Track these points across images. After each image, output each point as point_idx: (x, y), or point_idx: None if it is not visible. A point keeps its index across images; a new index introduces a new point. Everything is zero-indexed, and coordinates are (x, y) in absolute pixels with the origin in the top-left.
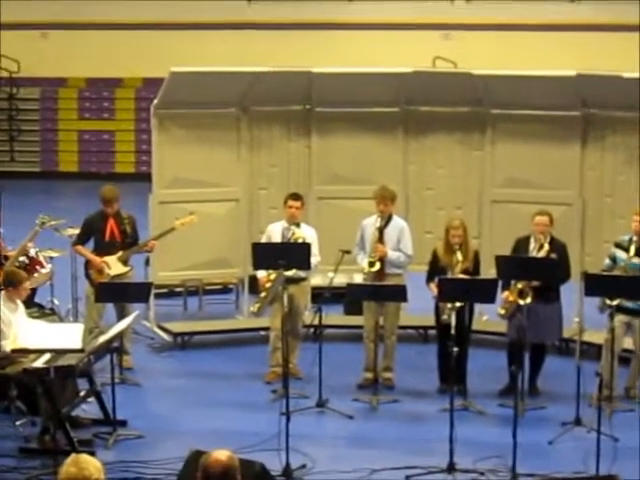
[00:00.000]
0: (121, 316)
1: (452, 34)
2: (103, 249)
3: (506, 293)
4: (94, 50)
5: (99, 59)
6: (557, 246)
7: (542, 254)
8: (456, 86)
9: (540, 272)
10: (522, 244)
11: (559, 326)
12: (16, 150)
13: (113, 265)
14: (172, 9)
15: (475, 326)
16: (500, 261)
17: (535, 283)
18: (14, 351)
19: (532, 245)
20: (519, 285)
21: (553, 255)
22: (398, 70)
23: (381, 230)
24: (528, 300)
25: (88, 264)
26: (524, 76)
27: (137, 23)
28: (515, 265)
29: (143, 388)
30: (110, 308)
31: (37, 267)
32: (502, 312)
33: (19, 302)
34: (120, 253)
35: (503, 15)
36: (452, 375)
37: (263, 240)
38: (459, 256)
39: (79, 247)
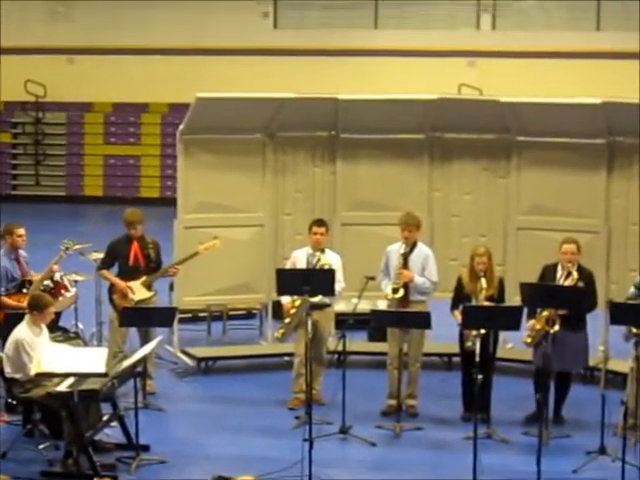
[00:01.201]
0: (145, 341)
1: (478, 61)
2: (127, 274)
3: (532, 321)
4: (120, 75)
5: (125, 84)
6: (584, 274)
7: (570, 282)
8: (482, 113)
9: (567, 300)
10: (549, 272)
11: (585, 355)
12: (42, 174)
13: (137, 290)
14: (198, 34)
15: (499, 354)
16: (526, 289)
17: (562, 311)
18: (38, 375)
19: (559, 273)
20: (545, 313)
21: (580, 283)
22: (424, 97)
23: (406, 257)
24: (555, 328)
25: (112, 288)
26: (550, 103)
27: (163, 48)
28: (542, 293)
29: (166, 413)
30: (133, 332)
31: (62, 291)
32: (528, 340)
33: (43, 326)
34: (144, 278)
35: (528, 42)
36: (476, 403)
37: (288, 266)
38: (484, 283)
39: (104, 271)
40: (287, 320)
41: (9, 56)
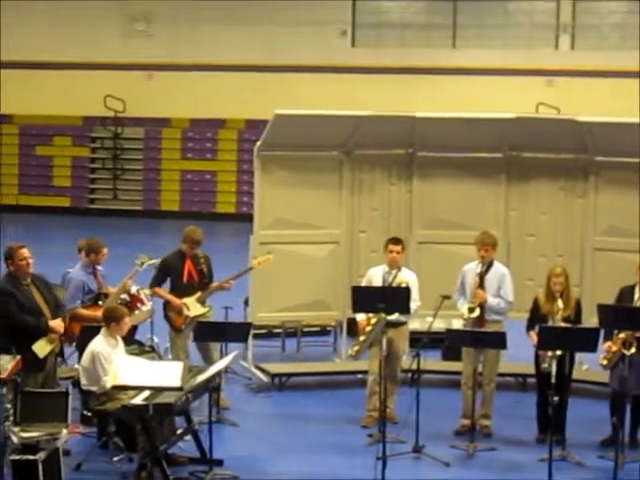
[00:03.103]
0: (205, 358)
1: (556, 80)
2: (181, 290)
3: (609, 343)
4: (198, 91)
5: (203, 100)
6: None
7: None
8: (560, 132)
9: None
10: (627, 293)
11: None
12: (119, 188)
13: (192, 306)
14: (276, 52)
15: (575, 375)
16: (603, 310)
17: (639, 334)
18: (114, 387)
19: (637, 295)
20: (622, 335)
21: None
22: (501, 116)
23: (482, 276)
24: (632, 350)
25: (167, 306)
26: (628, 123)
27: (240, 65)
28: (619, 314)
29: (239, 428)
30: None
31: (138, 304)
32: (604, 362)
33: (119, 339)
34: (198, 294)
35: (606, 62)
36: (551, 424)
37: (363, 283)
38: (560, 304)
39: (157, 289)
40: (362, 337)
41: (89, 71)
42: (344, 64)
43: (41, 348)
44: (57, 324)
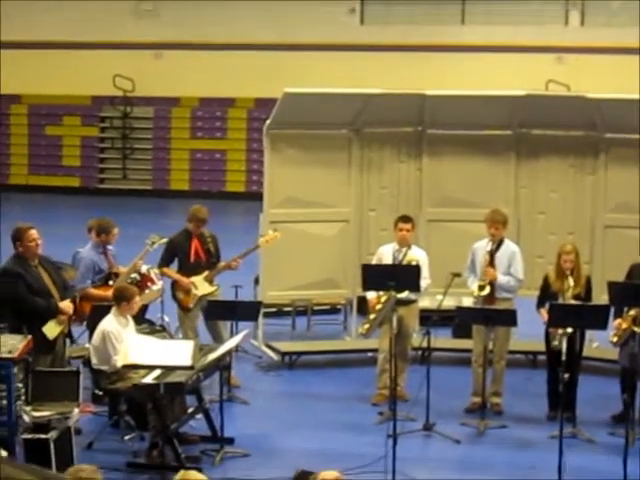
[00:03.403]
0: (215, 337)
1: (565, 57)
2: (189, 270)
3: (619, 320)
4: (207, 70)
5: (212, 79)
6: None
7: None
8: (569, 109)
9: None
10: (637, 270)
11: None
12: (129, 168)
13: (200, 285)
14: (285, 30)
15: (585, 352)
16: (614, 287)
17: None
18: (125, 366)
19: None
20: (632, 312)
21: None
22: (511, 93)
23: (492, 254)
24: None
25: (175, 285)
26: (638, 100)
27: (249, 44)
28: (630, 291)
29: (250, 406)
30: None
31: (148, 284)
32: (614, 339)
33: (130, 318)
34: (206, 273)
35: (617, 39)
36: (562, 402)
37: (373, 262)
38: (571, 282)
39: (165, 269)
40: (372, 316)
41: (98, 51)
42: (353, 42)
43: (51, 329)
44: (66, 305)
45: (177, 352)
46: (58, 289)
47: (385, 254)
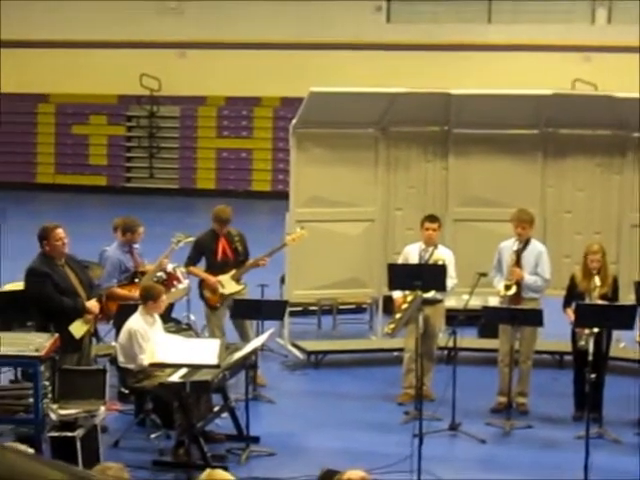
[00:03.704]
0: (243, 334)
1: (592, 56)
2: (216, 269)
3: None
4: (233, 69)
5: (238, 78)
6: None
7: None
8: (597, 109)
9: None
10: None
11: None
12: (155, 167)
13: (227, 284)
14: (311, 29)
15: (612, 353)
16: None
17: None
18: (151, 365)
19: None
20: None
21: None
22: (538, 92)
23: (519, 253)
24: None
25: (202, 284)
26: None
27: (275, 42)
28: None
29: (276, 405)
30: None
31: (174, 282)
32: None
33: (156, 316)
34: (233, 271)
35: None
36: (588, 402)
37: (400, 261)
38: (597, 281)
39: (192, 268)
40: (398, 315)
41: (124, 50)
42: (379, 41)
43: (77, 329)
44: (93, 305)
45: (203, 351)
46: (84, 288)
47: (411, 253)
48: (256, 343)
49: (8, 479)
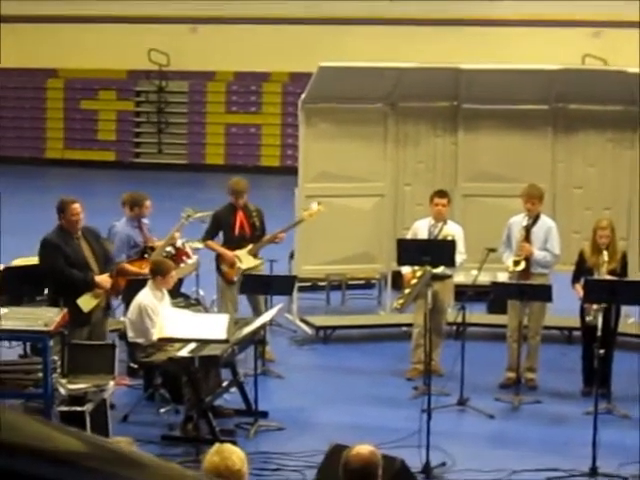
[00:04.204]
0: (257, 309)
1: (603, 31)
2: (233, 243)
3: None
4: (242, 44)
5: (247, 53)
6: None
7: None
8: (608, 84)
9: None
10: None
11: None
12: (164, 142)
13: (244, 259)
14: (319, 4)
15: (621, 328)
16: None
17: None
18: (160, 340)
19: None
20: None
21: None
22: (548, 67)
23: (528, 229)
24: None
25: (219, 258)
26: None
27: (284, 18)
28: None
29: (285, 380)
30: (242, 299)
31: (183, 257)
32: None
33: (165, 292)
34: (250, 246)
35: None
36: (597, 377)
37: (409, 236)
38: (606, 257)
39: (210, 242)
40: (407, 290)
41: (133, 25)
42: (387, 15)
43: (86, 302)
44: (103, 279)
45: (212, 325)
46: (98, 262)
47: (420, 229)
48: (265, 318)
49: (12, 442)
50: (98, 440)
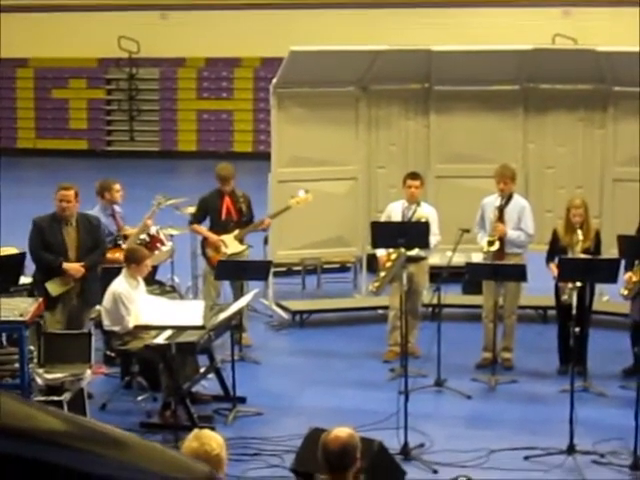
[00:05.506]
0: (238, 294)
1: (572, 11)
2: (220, 228)
3: (629, 274)
4: (213, 30)
5: (217, 39)
6: None
7: None
8: (578, 63)
9: None
10: None
11: None
12: (136, 130)
13: (230, 243)
14: None
15: (596, 307)
16: (624, 241)
17: None
18: (136, 327)
19: None
20: None
21: None
22: (518, 47)
23: (501, 209)
24: None
25: (205, 242)
26: None
27: (255, 3)
28: None
29: (262, 365)
30: (226, 286)
31: (158, 245)
32: (625, 293)
33: (140, 279)
34: (236, 232)
35: None
36: (572, 356)
37: (383, 219)
38: (580, 235)
39: (196, 226)
40: (382, 273)
41: (103, 13)
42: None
43: (54, 286)
44: (72, 267)
45: (188, 312)
46: (79, 251)
47: (394, 211)
48: (240, 303)
49: None
50: (78, 419)
